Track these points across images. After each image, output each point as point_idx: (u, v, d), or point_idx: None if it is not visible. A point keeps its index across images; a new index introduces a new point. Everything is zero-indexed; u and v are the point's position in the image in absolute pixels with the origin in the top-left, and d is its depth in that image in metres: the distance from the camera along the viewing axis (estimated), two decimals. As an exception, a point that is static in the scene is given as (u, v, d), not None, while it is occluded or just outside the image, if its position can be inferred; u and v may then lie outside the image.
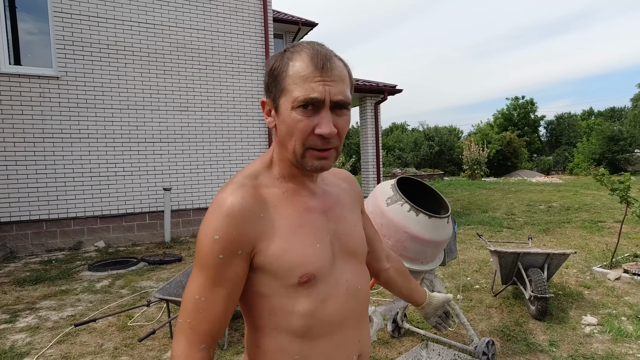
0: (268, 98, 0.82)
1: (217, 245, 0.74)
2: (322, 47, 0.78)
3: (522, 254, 3.50)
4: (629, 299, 3.63)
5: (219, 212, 0.75)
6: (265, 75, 0.82)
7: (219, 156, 7.59)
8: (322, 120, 0.75)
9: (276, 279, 0.78)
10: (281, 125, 0.79)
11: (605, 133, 21.93)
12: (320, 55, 0.76)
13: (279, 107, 0.78)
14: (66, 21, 6.34)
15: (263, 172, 0.84)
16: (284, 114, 0.77)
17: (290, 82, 0.75)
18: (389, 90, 9.50)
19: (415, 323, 3.29)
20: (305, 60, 0.75)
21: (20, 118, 6.07)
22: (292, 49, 0.79)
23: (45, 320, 3.53)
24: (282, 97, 0.77)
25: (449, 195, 12.32)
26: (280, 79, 0.77)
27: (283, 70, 0.77)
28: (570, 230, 6.64)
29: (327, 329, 0.82)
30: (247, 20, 7.79)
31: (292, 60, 0.77)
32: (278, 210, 0.80)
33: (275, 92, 0.79)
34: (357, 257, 0.91)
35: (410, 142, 28.83)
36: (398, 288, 1.19)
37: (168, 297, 2.94)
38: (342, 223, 0.90)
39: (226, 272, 0.75)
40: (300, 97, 0.74)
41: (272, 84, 0.79)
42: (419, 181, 2.55)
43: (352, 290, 0.87)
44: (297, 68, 0.75)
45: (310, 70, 0.74)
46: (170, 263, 5.41)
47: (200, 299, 0.75)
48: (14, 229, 6.05)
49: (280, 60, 0.79)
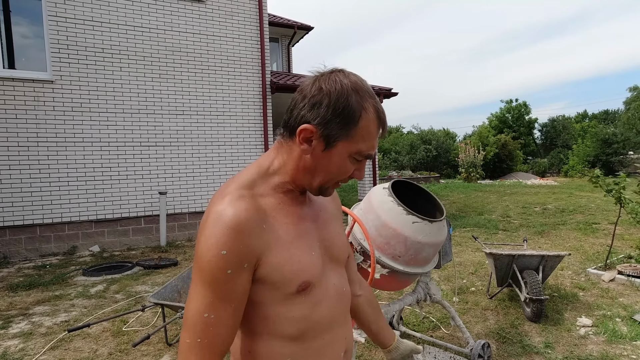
0: (318, 129, 0.78)
1: (224, 260, 0.71)
2: (378, 102, 0.82)
3: (517, 256, 3.51)
4: (624, 300, 3.65)
5: (222, 225, 0.72)
6: (324, 107, 0.77)
7: (214, 160, 7.58)
8: (361, 170, 0.84)
9: (275, 288, 0.78)
10: (324, 161, 0.80)
11: (599, 135, 22.08)
12: (383, 115, 0.81)
13: (334, 147, 0.79)
14: (61, 25, 6.32)
15: (259, 181, 0.83)
16: (337, 156, 0.80)
17: (360, 134, 0.78)
18: (384, 94, 9.53)
19: (412, 326, 3.29)
20: (374, 117, 0.79)
21: (14, 122, 6.04)
22: (361, 94, 0.78)
23: (38, 326, 3.49)
24: (344, 141, 0.78)
25: (445, 197, 12.36)
26: (351, 125, 0.77)
27: (357, 118, 0.77)
28: (565, 232, 6.67)
29: (318, 331, 0.84)
30: (242, 24, 7.80)
31: (365, 111, 0.78)
32: (276, 221, 0.80)
33: (337, 133, 0.77)
34: (339, 263, 0.95)
35: (407, 145, 28.88)
36: (367, 322, 1.14)
37: (163, 301, 2.92)
38: (327, 230, 0.92)
39: (234, 287, 0.74)
40: (365, 153, 0.80)
41: (335, 123, 0.77)
42: (413, 184, 2.55)
43: (339, 292, 0.91)
44: (369, 124, 0.78)
45: (376, 129, 0.80)
46: (165, 267, 5.38)
47: (210, 316, 0.72)
48: (7, 234, 6.00)
49: (349, 101, 0.77)
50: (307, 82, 0.81)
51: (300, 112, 0.79)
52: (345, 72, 0.80)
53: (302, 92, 0.80)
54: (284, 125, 0.83)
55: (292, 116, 0.80)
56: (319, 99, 0.77)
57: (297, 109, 0.79)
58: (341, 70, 0.81)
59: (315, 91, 0.78)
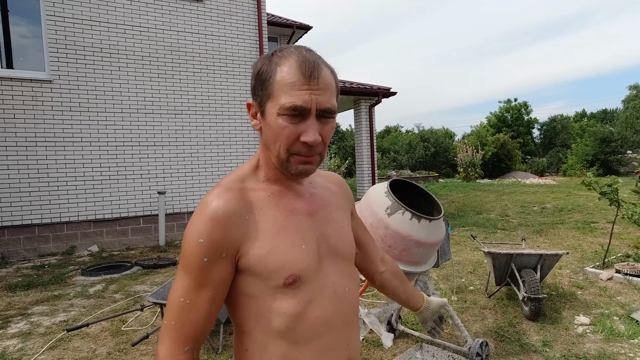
0: (254, 101, 0.82)
1: (201, 248, 0.74)
2: (310, 54, 0.78)
3: (516, 255, 3.52)
4: (621, 299, 3.67)
5: (203, 215, 0.75)
6: (252, 78, 0.81)
7: (213, 159, 7.58)
8: (307, 129, 0.76)
9: (261, 280, 0.78)
10: (266, 129, 0.79)
11: (598, 135, 22.14)
12: (309, 62, 0.75)
13: (265, 111, 0.79)
14: (59, 24, 6.31)
15: (250, 175, 0.85)
16: (269, 118, 0.78)
17: (277, 87, 0.75)
18: (383, 93, 9.54)
19: (410, 325, 3.30)
20: (293, 67, 0.75)
21: (12, 122, 6.03)
22: (280, 54, 0.79)
23: (37, 326, 3.49)
24: (269, 101, 0.77)
25: (444, 197, 12.37)
26: (267, 83, 0.77)
27: (270, 74, 0.77)
28: (563, 231, 6.69)
29: (313, 332, 0.81)
30: (241, 23, 7.80)
31: (279, 65, 0.76)
32: (263, 213, 0.80)
33: (261, 96, 0.79)
34: (344, 260, 0.91)
35: (405, 144, 28.92)
36: (395, 292, 1.18)
37: (162, 301, 2.92)
38: (330, 225, 0.90)
39: (210, 275, 0.75)
40: (287, 105, 0.74)
41: (258, 88, 0.79)
42: (412, 183, 2.56)
43: (339, 292, 0.86)
44: (285, 74, 0.75)
45: (297, 77, 0.74)
46: (164, 267, 5.38)
47: (185, 301, 0.75)
48: (5, 234, 5.99)
49: (267, 64, 0.78)
50: None
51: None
52: (282, 47, 0.82)
53: None
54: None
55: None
56: (251, 75, 0.82)
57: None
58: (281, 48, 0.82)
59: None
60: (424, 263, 2.39)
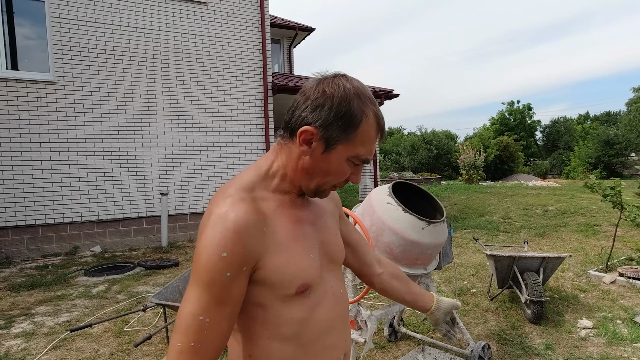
0: (320, 131, 0.78)
1: (224, 262, 0.71)
2: (378, 108, 0.83)
3: (518, 258, 3.51)
4: (624, 302, 3.65)
5: (224, 228, 0.72)
6: (326, 110, 0.77)
7: (216, 161, 7.60)
8: (358, 174, 0.85)
9: (274, 290, 0.79)
10: (322, 163, 0.81)
11: (601, 137, 22.07)
12: (382, 121, 0.83)
13: (334, 150, 0.79)
14: (64, 26, 6.35)
15: (258, 183, 0.83)
16: (335, 158, 0.80)
17: (359, 138, 0.79)
18: (385, 95, 9.54)
19: (412, 327, 3.30)
20: (374, 123, 0.80)
21: (17, 123, 6.07)
22: (363, 99, 0.79)
23: (40, 326, 3.51)
24: (344, 145, 0.79)
25: (446, 199, 12.35)
26: (351, 129, 0.78)
27: (357, 122, 0.78)
28: (566, 234, 6.67)
29: (318, 334, 0.85)
30: (244, 25, 7.83)
31: (365, 116, 0.79)
32: (276, 224, 0.81)
33: (336, 136, 0.78)
34: (337, 264, 0.96)
35: (408, 146, 28.88)
36: (399, 293, 1.14)
37: (165, 302, 2.93)
38: (327, 232, 0.93)
39: (231, 290, 0.73)
40: (363, 157, 0.82)
41: (336, 127, 0.78)
42: (414, 185, 2.56)
43: (337, 295, 0.91)
44: (369, 128, 0.80)
45: (375, 135, 0.82)
46: (167, 268, 5.39)
47: (205, 320, 0.71)
48: (9, 234, 6.03)
49: (351, 106, 0.78)
50: (310, 84, 0.81)
51: (302, 113, 0.79)
52: (348, 77, 0.81)
53: (305, 94, 0.80)
54: (285, 126, 0.84)
55: (294, 117, 0.81)
56: (322, 101, 0.78)
57: (299, 110, 0.80)
58: (344, 75, 0.82)
59: (318, 94, 0.78)
60: (426, 265, 2.39)
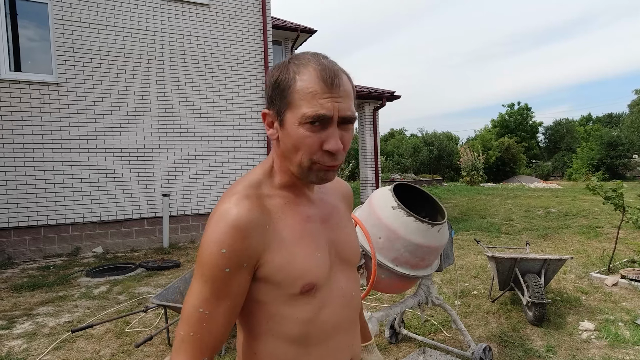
0: (271, 110, 0.80)
1: (223, 258, 0.72)
2: (328, 61, 0.77)
3: (520, 260, 3.51)
4: (626, 305, 3.64)
5: (225, 224, 0.73)
6: (268, 87, 0.79)
7: (217, 162, 7.62)
8: (330, 137, 0.75)
9: (278, 288, 0.78)
10: (286, 139, 0.78)
11: (604, 139, 22.04)
12: (329, 70, 0.75)
13: (284, 121, 0.77)
14: (67, 28, 6.39)
15: (264, 181, 0.83)
16: (290, 128, 0.76)
17: (298, 97, 0.74)
18: (387, 97, 9.54)
19: (413, 329, 3.29)
20: (314, 75, 0.74)
21: (19, 124, 6.10)
22: (298, 62, 0.77)
23: (42, 327, 3.52)
24: (288, 111, 0.76)
25: (448, 200, 12.34)
26: (286, 92, 0.76)
27: (289, 84, 0.75)
28: (568, 236, 6.65)
29: (322, 335, 0.83)
30: (246, 27, 7.85)
31: (298, 74, 0.75)
32: (282, 221, 0.80)
33: (280, 106, 0.77)
34: (350, 265, 0.92)
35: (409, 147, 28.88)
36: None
37: (166, 302, 2.94)
38: (339, 231, 0.91)
39: (231, 285, 0.74)
40: (309, 114, 0.73)
41: (276, 97, 0.78)
42: (415, 187, 2.57)
43: (347, 297, 0.88)
44: (305, 83, 0.74)
45: (319, 86, 0.74)
46: (168, 269, 5.40)
47: (204, 312, 0.74)
48: (12, 235, 6.05)
49: (285, 72, 0.77)
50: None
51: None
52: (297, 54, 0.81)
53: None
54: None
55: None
56: (266, 82, 0.80)
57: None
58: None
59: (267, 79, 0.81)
60: (427, 267, 2.39)
